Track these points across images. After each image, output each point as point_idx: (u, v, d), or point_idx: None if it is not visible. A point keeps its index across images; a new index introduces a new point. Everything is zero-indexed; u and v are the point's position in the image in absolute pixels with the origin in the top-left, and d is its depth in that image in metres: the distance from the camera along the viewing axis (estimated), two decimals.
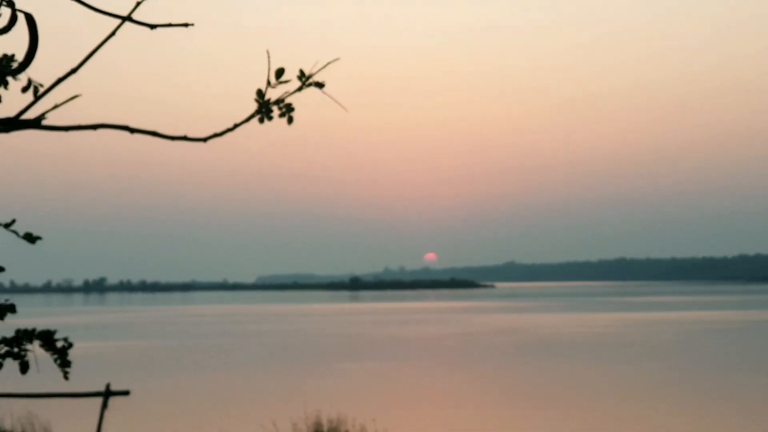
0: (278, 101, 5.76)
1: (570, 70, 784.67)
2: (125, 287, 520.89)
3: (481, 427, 40.19)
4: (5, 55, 5.79)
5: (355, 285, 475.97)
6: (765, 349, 79.06)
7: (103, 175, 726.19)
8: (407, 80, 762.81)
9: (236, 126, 5.76)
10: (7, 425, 38.77)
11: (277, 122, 5.81)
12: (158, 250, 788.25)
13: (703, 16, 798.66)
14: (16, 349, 7.54)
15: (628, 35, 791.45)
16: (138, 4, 5.45)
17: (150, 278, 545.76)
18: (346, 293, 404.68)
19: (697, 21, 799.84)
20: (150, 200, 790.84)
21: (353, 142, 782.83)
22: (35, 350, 7.64)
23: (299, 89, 5.75)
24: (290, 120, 5.80)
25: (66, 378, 7.61)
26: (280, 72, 5.74)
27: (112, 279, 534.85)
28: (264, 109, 5.76)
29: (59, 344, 7.57)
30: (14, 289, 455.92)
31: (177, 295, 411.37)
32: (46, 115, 5.67)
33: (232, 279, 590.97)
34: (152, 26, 5.48)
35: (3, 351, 7.55)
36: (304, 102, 5.85)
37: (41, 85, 5.75)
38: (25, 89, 5.76)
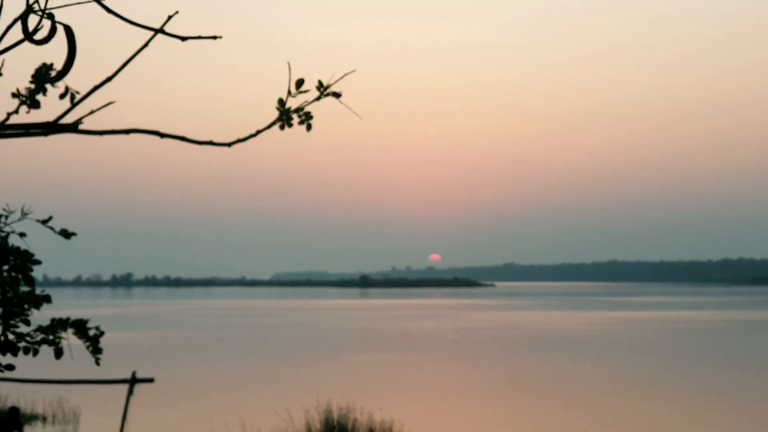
0: (298, 109, 5.78)
1: (568, 83, 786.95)
2: (150, 282, 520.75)
3: (481, 416, 40.17)
4: (45, 64, 5.82)
5: (364, 283, 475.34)
6: (745, 347, 78.88)
7: (132, 177, 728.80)
8: (417, 92, 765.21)
9: (259, 132, 5.78)
10: (39, 410, 38.79)
11: (297, 129, 5.83)
12: (181, 248, 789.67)
13: (686, 34, 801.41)
14: (51, 337, 7.58)
15: (617, 51, 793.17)
16: (170, 17, 5.46)
17: (173, 274, 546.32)
18: (356, 290, 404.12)
19: (680, 38, 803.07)
20: (175, 201, 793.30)
21: (366, 150, 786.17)
22: (69, 338, 7.68)
23: (317, 99, 5.78)
24: (309, 127, 5.83)
25: (98, 363, 7.63)
26: (300, 82, 5.76)
27: (138, 274, 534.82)
28: (285, 116, 5.78)
29: (91, 332, 7.61)
30: (47, 282, 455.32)
31: (198, 290, 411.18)
32: (82, 120, 5.69)
33: (249, 276, 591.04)
34: (183, 38, 5.49)
35: (39, 338, 7.58)
36: (322, 111, 5.87)
37: (78, 93, 5.77)
38: (62, 96, 5.78)
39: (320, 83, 5.76)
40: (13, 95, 5.83)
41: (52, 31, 5.49)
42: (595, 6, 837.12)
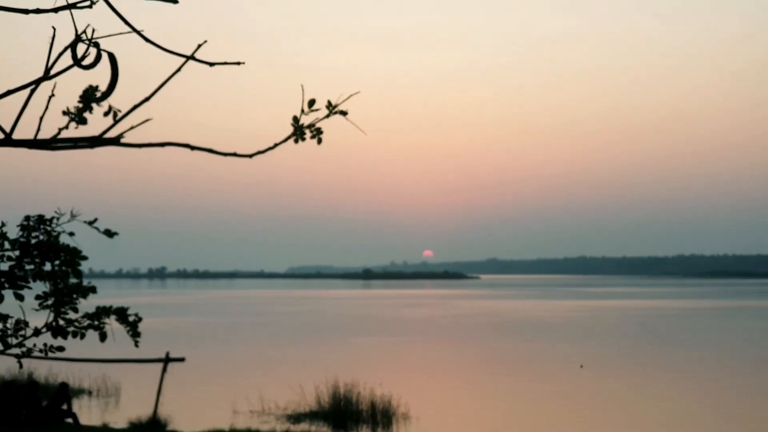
0: (310, 126, 5.78)
1: (542, 101, 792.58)
2: (182, 275, 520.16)
3: (467, 389, 40.15)
4: (91, 86, 5.83)
5: (367, 275, 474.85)
6: (695, 331, 78.82)
7: (166, 183, 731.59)
8: (414, 109, 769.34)
9: (276, 145, 5.78)
10: (86, 385, 38.79)
11: (309, 142, 5.83)
12: (209, 244, 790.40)
13: (641, 62, 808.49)
14: (96, 322, 7.58)
15: (583, 76, 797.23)
16: (199, 46, 5.46)
17: (202, 267, 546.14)
18: (359, 282, 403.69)
19: (637, 65, 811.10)
20: (203, 204, 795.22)
21: (368, 160, 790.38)
22: (111, 324, 7.67)
23: (327, 116, 5.77)
24: (319, 141, 5.82)
25: (136, 345, 7.64)
26: (311, 102, 5.76)
27: (171, 268, 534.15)
28: (298, 131, 5.78)
29: (131, 318, 7.60)
30: (92, 275, 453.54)
31: (223, 282, 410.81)
32: (124, 135, 5.69)
33: (268, 269, 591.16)
34: (211, 64, 5.49)
35: (86, 324, 7.58)
36: (331, 126, 5.87)
37: (119, 111, 5.77)
38: (106, 114, 5.79)
39: (329, 103, 5.76)
40: (64, 113, 5.83)
41: (98, 58, 5.49)
42: (565, 37, 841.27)
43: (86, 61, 5.51)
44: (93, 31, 5.46)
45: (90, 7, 5.23)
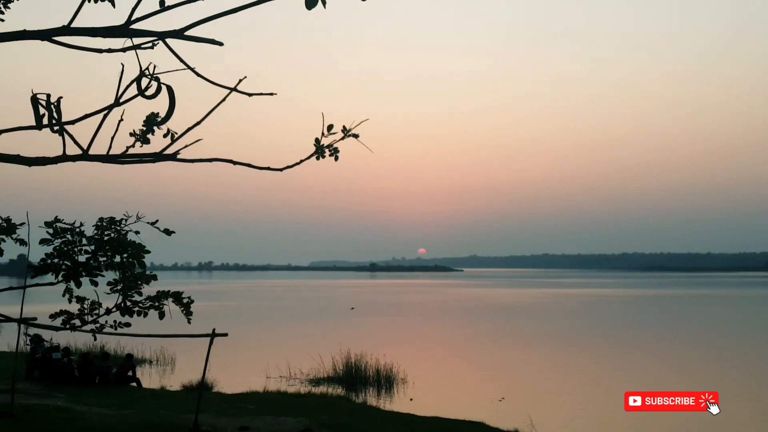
0: (329, 146, 5.77)
1: (513, 121, 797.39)
2: (225, 267, 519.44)
3: (453, 359, 40.08)
4: (153, 113, 5.82)
5: (373, 268, 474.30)
6: (635, 313, 78.71)
7: (213, 191, 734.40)
8: (411, 131, 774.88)
9: (301, 161, 5.76)
10: (147, 355, 38.76)
11: (328, 159, 5.81)
12: (247, 242, 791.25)
13: (583, 88, 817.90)
14: (156, 303, 7.55)
15: (548, 96, 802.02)
16: (240, 80, 5.45)
17: (241, 261, 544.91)
18: (366, 273, 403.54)
19: (579, 91, 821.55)
20: (244, 208, 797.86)
21: (375, 173, 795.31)
22: (169, 305, 7.63)
23: (342, 138, 5.76)
24: (336, 158, 5.80)
25: (189, 322, 7.60)
26: (330, 127, 5.74)
27: (217, 262, 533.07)
28: (320, 150, 5.76)
29: (185, 300, 7.57)
30: (152, 267, 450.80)
31: (258, 273, 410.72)
32: (180, 152, 5.67)
33: (294, 263, 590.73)
34: (249, 94, 5.48)
35: (148, 305, 7.56)
36: (345, 146, 5.85)
37: (176, 132, 5.76)
38: (165, 135, 5.78)
39: (344, 128, 5.76)
40: (131, 134, 5.82)
41: (158, 90, 5.47)
42: (522, 69, 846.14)
43: (149, 92, 5.49)
44: (154, 67, 5.45)
45: (152, 48, 5.22)
